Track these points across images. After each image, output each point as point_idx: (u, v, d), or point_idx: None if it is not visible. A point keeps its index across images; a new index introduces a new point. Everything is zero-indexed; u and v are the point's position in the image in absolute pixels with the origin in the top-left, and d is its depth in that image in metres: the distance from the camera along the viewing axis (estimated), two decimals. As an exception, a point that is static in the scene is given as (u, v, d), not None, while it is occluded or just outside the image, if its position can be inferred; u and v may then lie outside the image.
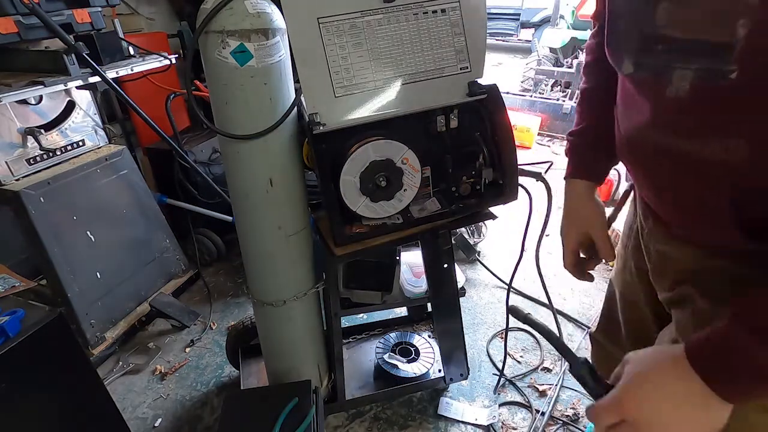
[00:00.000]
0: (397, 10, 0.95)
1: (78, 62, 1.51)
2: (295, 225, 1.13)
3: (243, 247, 1.18)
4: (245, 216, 1.11)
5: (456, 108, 1.03)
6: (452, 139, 1.05)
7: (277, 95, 0.98)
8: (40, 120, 1.67)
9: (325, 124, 0.95)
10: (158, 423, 1.56)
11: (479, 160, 1.06)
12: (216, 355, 1.83)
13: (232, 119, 0.98)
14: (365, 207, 1.03)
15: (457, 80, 1.02)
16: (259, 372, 1.54)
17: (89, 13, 1.61)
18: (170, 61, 1.86)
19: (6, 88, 1.37)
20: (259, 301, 1.22)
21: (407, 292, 1.37)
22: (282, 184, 1.06)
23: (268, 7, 0.92)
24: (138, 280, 1.97)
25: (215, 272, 2.34)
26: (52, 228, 1.62)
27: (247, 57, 0.90)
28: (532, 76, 5.02)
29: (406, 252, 1.44)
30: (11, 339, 0.91)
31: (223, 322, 2.01)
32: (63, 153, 1.75)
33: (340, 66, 0.95)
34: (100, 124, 1.90)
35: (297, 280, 1.21)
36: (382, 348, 1.61)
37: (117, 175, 1.89)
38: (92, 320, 1.75)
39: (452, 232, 1.28)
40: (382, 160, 0.98)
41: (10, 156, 1.58)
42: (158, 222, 2.08)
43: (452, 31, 0.99)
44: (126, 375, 1.75)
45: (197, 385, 1.71)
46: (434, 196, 1.11)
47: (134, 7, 2.39)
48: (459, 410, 1.53)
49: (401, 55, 0.98)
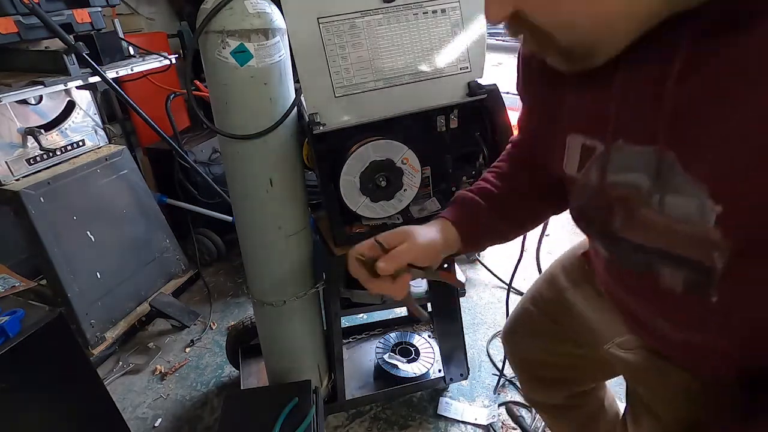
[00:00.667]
0: (397, 10, 0.95)
1: (78, 62, 1.51)
2: (295, 225, 1.13)
3: (243, 247, 1.18)
4: (245, 216, 1.11)
5: (456, 108, 1.03)
6: (452, 139, 1.05)
7: (277, 95, 0.98)
8: (40, 120, 1.67)
9: (325, 124, 0.96)
10: (158, 423, 1.56)
11: (479, 160, 1.06)
12: (216, 355, 1.83)
13: (232, 119, 0.98)
14: (365, 207, 1.03)
15: (457, 80, 1.02)
16: (259, 372, 1.54)
17: (89, 13, 1.61)
18: (170, 61, 1.86)
19: (6, 88, 1.37)
20: (259, 301, 1.22)
21: (407, 292, 1.37)
22: (282, 184, 1.06)
23: (268, 7, 0.92)
24: (138, 280, 1.97)
25: (215, 272, 2.34)
26: (52, 228, 1.62)
27: (247, 57, 0.90)
28: (532, 76, 5.03)
29: (406, 252, 1.44)
30: (11, 339, 0.91)
31: (223, 322, 2.01)
32: (63, 153, 1.75)
33: (340, 66, 0.95)
34: (100, 124, 1.90)
35: (297, 280, 1.21)
36: (382, 348, 1.61)
37: (117, 175, 1.89)
38: (92, 320, 1.75)
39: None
40: (382, 160, 0.98)
41: (10, 156, 1.58)
42: (158, 222, 2.08)
43: (452, 31, 0.99)
44: (126, 375, 1.75)
45: (197, 385, 1.71)
46: (434, 196, 1.12)
47: (134, 7, 2.39)
48: (459, 410, 1.52)
49: (401, 55, 0.98)
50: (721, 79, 0.40)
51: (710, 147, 0.41)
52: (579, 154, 0.55)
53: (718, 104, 0.40)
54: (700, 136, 0.42)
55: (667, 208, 0.46)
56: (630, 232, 0.52)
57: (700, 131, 0.42)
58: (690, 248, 0.46)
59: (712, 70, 0.40)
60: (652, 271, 0.52)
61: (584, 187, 0.55)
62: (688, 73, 0.41)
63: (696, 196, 0.42)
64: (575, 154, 0.56)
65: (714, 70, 0.40)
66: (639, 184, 0.48)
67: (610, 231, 0.53)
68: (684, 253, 0.47)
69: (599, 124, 0.51)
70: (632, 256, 0.54)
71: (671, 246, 0.48)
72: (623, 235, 0.52)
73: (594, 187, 0.54)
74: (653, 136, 0.45)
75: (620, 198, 0.51)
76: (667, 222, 0.46)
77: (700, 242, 0.44)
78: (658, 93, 0.44)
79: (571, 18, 0.41)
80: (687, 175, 0.43)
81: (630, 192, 0.49)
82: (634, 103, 0.47)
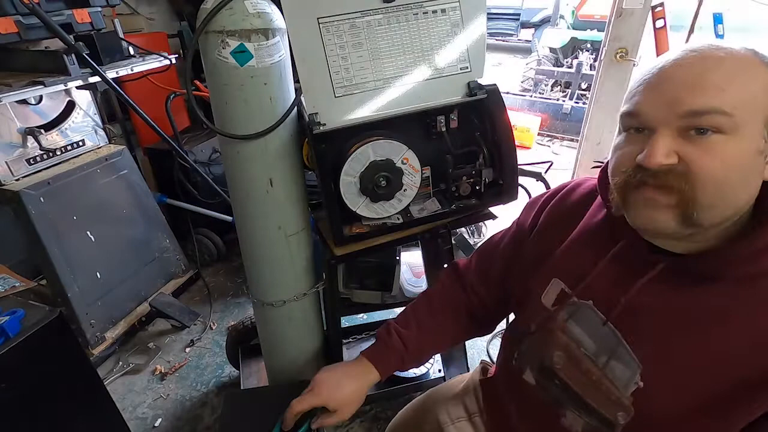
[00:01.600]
0: (397, 10, 0.95)
1: (78, 62, 1.51)
2: (295, 225, 1.13)
3: (243, 247, 1.18)
4: (245, 216, 1.11)
5: (456, 108, 1.03)
6: (452, 139, 1.05)
7: (277, 95, 0.98)
8: (40, 120, 1.67)
9: (325, 124, 0.95)
10: (158, 423, 1.56)
11: (479, 160, 1.06)
12: (216, 355, 1.83)
13: (232, 119, 0.98)
14: (365, 207, 1.03)
15: (457, 80, 1.02)
16: (259, 372, 1.54)
17: (89, 13, 1.61)
18: (170, 61, 1.86)
19: (6, 88, 1.37)
20: (259, 301, 1.22)
21: (407, 292, 1.37)
22: (282, 184, 1.06)
23: (268, 7, 0.92)
24: (138, 280, 1.97)
25: (215, 272, 2.34)
26: (52, 228, 1.62)
27: (247, 57, 0.90)
28: (532, 76, 5.03)
29: (406, 252, 1.44)
30: (11, 339, 0.91)
31: (223, 322, 2.01)
32: (63, 153, 1.75)
33: (340, 66, 0.95)
34: (100, 124, 1.90)
35: (297, 280, 1.21)
36: (382, 348, 1.61)
37: (117, 175, 1.89)
38: (92, 320, 1.75)
39: (452, 232, 1.28)
40: (382, 160, 0.98)
41: (10, 156, 1.58)
42: (158, 222, 2.08)
43: (452, 31, 0.99)
44: (126, 375, 1.75)
45: (197, 385, 1.71)
46: (434, 196, 1.11)
47: (134, 7, 2.38)
48: (459, 410, 1.52)
49: (401, 55, 0.98)
50: (683, 310, 0.53)
51: (656, 341, 0.54)
52: (557, 295, 0.65)
53: (668, 322, 0.53)
54: (644, 330, 0.55)
55: (608, 368, 0.57)
56: (566, 370, 0.62)
57: (648, 327, 0.55)
58: (603, 403, 0.57)
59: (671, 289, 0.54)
60: (560, 409, 0.63)
61: (548, 319, 0.65)
62: (656, 282, 0.55)
63: (631, 369, 0.55)
64: (554, 293, 0.66)
65: (676, 296, 0.54)
66: (591, 343, 0.59)
67: (550, 362, 0.64)
68: (596, 405, 0.58)
69: (580, 280, 0.62)
70: (553, 388, 0.64)
71: (589, 395, 0.59)
72: (558, 369, 0.62)
73: (557, 325, 0.63)
74: (611, 311, 0.57)
75: (573, 342, 0.61)
76: (600, 377, 0.58)
77: (613, 402, 0.56)
78: (630, 283, 0.56)
79: (730, 182, 0.48)
80: (631, 354, 0.55)
81: (582, 343, 0.60)
82: (612, 279, 0.59)
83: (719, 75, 0.47)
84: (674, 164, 0.48)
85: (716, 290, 0.52)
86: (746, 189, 0.49)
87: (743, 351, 0.49)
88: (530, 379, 0.69)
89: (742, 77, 0.47)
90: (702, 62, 0.48)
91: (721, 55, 0.48)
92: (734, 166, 0.47)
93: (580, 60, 4.73)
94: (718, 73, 0.47)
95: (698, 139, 0.48)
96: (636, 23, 2.10)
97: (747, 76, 0.47)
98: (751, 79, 0.47)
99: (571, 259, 0.66)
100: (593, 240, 0.64)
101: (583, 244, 0.65)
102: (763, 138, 0.48)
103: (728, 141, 0.47)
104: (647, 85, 0.51)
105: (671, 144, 0.48)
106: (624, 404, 0.55)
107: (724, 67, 0.47)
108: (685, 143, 0.48)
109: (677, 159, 0.48)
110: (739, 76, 0.47)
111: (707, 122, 0.47)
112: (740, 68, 0.47)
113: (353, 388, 0.80)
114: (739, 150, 0.47)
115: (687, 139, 0.48)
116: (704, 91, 0.47)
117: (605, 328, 0.58)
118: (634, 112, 0.52)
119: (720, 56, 0.48)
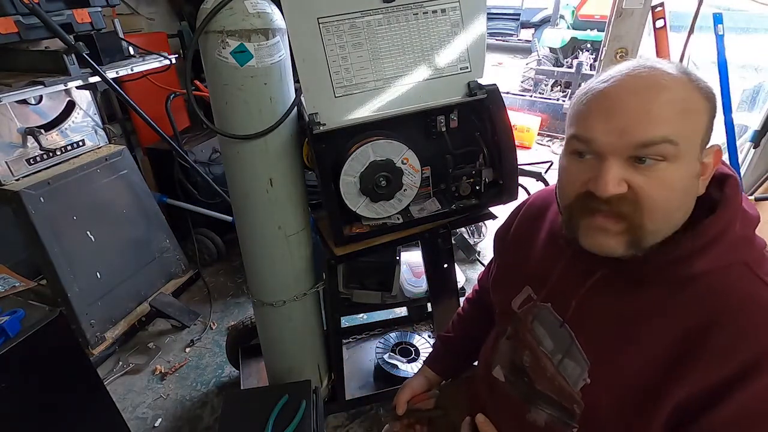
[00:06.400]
0: (397, 10, 0.95)
1: (78, 62, 1.51)
2: (295, 225, 1.13)
3: (243, 247, 1.18)
4: (245, 216, 1.11)
5: (456, 108, 1.03)
6: (452, 139, 1.05)
7: (277, 95, 0.98)
8: (40, 120, 1.67)
9: (325, 124, 0.95)
10: (158, 423, 1.56)
11: (479, 160, 1.06)
12: (216, 355, 1.83)
13: (232, 119, 0.98)
14: (365, 207, 1.03)
15: (457, 80, 1.02)
16: (259, 372, 1.54)
17: (89, 13, 1.61)
18: (170, 61, 1.86)
19: (6, 88, 1.37)
20: (259, 301, 1.22)
21: (407, 292, 1.37)
22: (282, 184, 1.06)
23: (268, 7, 0.92)
24: (138, 280, 1.97)
25: (215, 272, 2.34)
26: (52, 228, 1.62)
27: (247, 57, 0.90)
28: (532, 76, 5.02)
29: (406, 252, 1.44)
30: (11, 339, 0.91)
31: (223, 322, 2.01)
32: (63, 153, 1.75)
33: (340, 66, 0.95)
34: (100, 124, 1.90)
35: (297, 280, 1.21)
36: (382, 348, 1.61)
37: (117, 175, 1.89)
38: (92, 320, 1.75)
39: (452, 232, 1.28)
40: (382, 160, 0.98)
41: (10, 156, 1.58)
42: (158, 222, 2.08)
43: (452, 31, 0.99)
44: (126, 375, 1.75)
45: (197, 385, 1.71)
46: (434, 196, 1.11)
47: (134, 7, 2.38)
48: (459, 410, 1.52)
49: (401, 55, 0.98)
50: (620, 311, 0.57)
51: (600, 340, 0.59)
52: (523, 299, 0.71)
53: (615, 323, 0.57)
54: (591, 331, 0.60)
55: (561, 366, 0.62)
56: (531, 368, 0.67)
57: (594, 328, 0.59)
58: (561, 396, 0.63)
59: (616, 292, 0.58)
60: (526, 404, 0.68)
61: (520, 322, 0.70)
62: (601, 285, 0.59)
63: (581, 366, 0.60)
64: (521, 298, 0.71)
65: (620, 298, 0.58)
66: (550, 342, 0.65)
67: (520, 362, 0.69)
68: (556, 397, 0.64)
69: (544, 283, 0.67)
70: (521, 384, 0.69)
71: (549, 389, 0.65)
72: (528, 368, 0.68)
73: (526, 327, 0.69)
74: (566, 313, 0.62)
75: (536, 341, 0.67)
76: (554, 373, 0.63)
77: (567, 396, 0.62)
78: (580, 285, 0.61)
79: (673, 207, 0.51)
80: (582, 352, 0.60)
81: (543, 343, 0.66)
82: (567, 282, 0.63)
83: (666, 106, 0.49)
84: (624, 193, 0.51)
85: (649, 293, 0.55)
86: (686, 209, 0.53)
87: (671, 351, 0.52)
88: (499, 375, 0.74)
89: (683, 105, 0.49)
90: (647, 92, 0.49)
91: (664, 83, 0.49)
92: (678, 191, 0.51)
93: (580, 60, 4.73)
94: (664, 104, 0.49)
95: (645, 168, 0.50)
96: (636, 23, 2.09)
97: (688, 104, 0.49)
98: (692, 106, 0.50)
99: (538, 262, 0.70)
100: (556, 243, 0.67)
101: (549, 246, 0.70)
102: (698, 160, 0.51)
103: (672, 168, 0.50)
104: (597, 112, 0.52)
105: (622, 173, 0.50)
106: (576, 399, 0.60)
107: (669, 95, 0.49)
108: (633, 172, 0.50)
109: (627, 187, 0.51)
110: (681, 104, 0.49)
111: (655, 152, 0.49)
112: (682, 96, 0.49)
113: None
114: (681, 175, 0.50)
115: (634, 167, 0.51)
116: (654, 123, 0.48)
117: (562, 329, 0.63)
118: (585, 138, 0.53)
119: (663, 84, 0.49)
